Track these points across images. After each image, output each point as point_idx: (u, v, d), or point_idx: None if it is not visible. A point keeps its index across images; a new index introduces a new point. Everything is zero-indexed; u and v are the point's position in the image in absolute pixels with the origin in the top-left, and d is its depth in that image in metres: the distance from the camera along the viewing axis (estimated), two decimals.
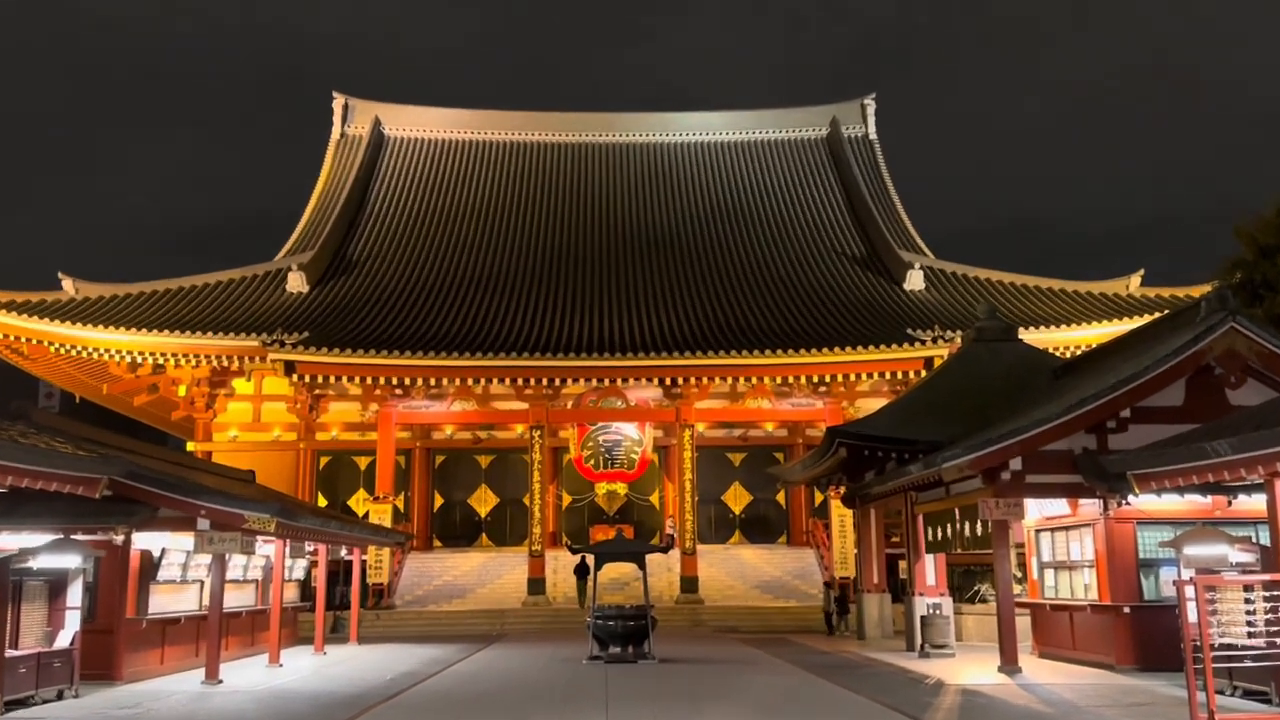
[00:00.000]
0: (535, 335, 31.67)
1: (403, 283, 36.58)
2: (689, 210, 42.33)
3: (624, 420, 32.42)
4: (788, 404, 32.49)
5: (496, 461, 35.78)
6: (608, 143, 46.53)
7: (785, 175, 44.74)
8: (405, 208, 41.99)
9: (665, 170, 45.03)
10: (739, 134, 46.96)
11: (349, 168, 43.66)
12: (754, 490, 35.48)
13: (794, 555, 33.17)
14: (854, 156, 45.36)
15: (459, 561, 32.55)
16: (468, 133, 46.52)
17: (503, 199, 42.88)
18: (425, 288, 36.13)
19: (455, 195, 42.95)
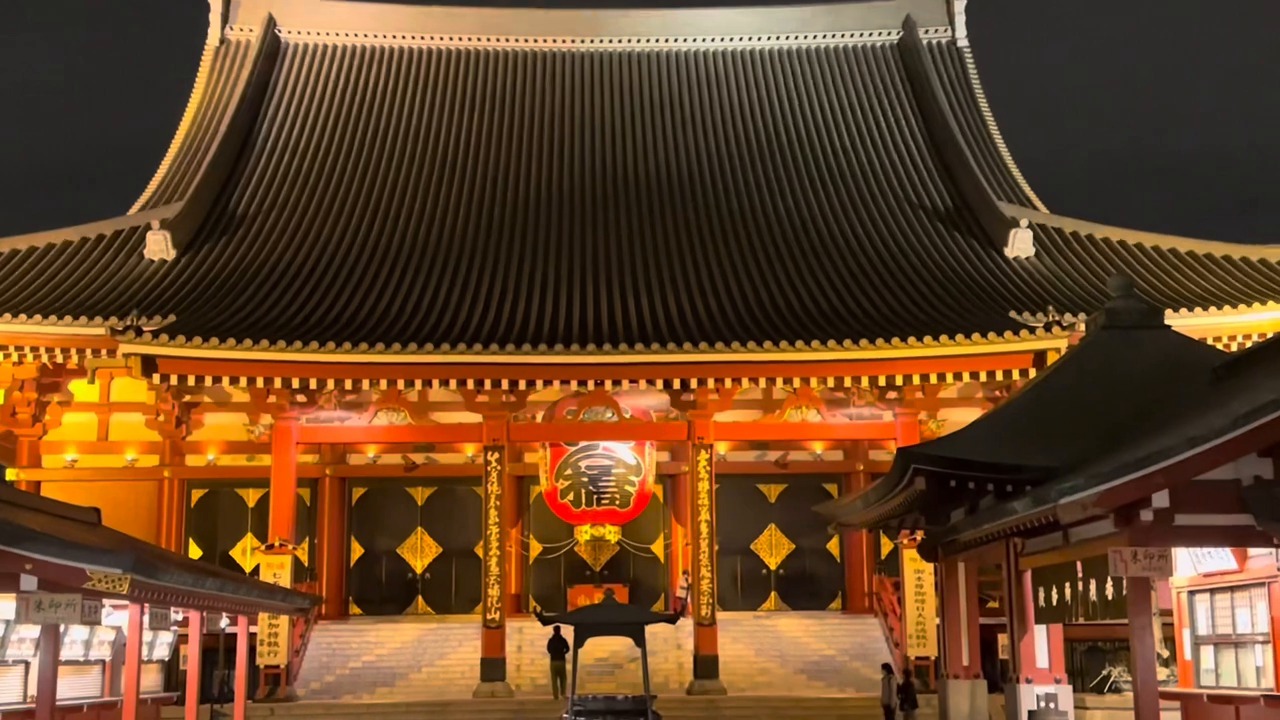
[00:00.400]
0: (492, 321, 31.86)
1: (306, 247, 36.69)
2: (705, 147, 42.42)
3: (615, 439, 32.55)
4: (843, 416, 32.71)
5: (438, 496, 36.08)
6: (593, 51, 46.46)
7: (840, 97, 44.78)
8: (310, 143, 42.02)
9: (673, 91, 45.01)
10: (776, 39, 46.95)
11: (231, 87, 43.56)
12: (796, 536, 35.75)
13: (852, 626, 33.42)
14: (936, 71, 45.42)
15: (386, 635, 32.76)
16: (397, 37, 46.37)
17: (446, 131, 42.95)
18: (338, 255, 36.26)
19: (380, 125, 42.99)
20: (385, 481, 35.78)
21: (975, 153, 42.40)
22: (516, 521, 35.21)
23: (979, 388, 32.25)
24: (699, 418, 31.46)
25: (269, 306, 32.53)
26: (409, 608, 35.51)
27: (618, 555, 35.46)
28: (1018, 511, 16.87)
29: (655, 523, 35.79)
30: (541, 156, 41.77)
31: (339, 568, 35.46)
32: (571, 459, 32.79)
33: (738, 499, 35.25)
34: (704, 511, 31.18)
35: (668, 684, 30.25)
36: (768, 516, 36.03)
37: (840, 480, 35.91)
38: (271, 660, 29.56)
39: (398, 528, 35.86)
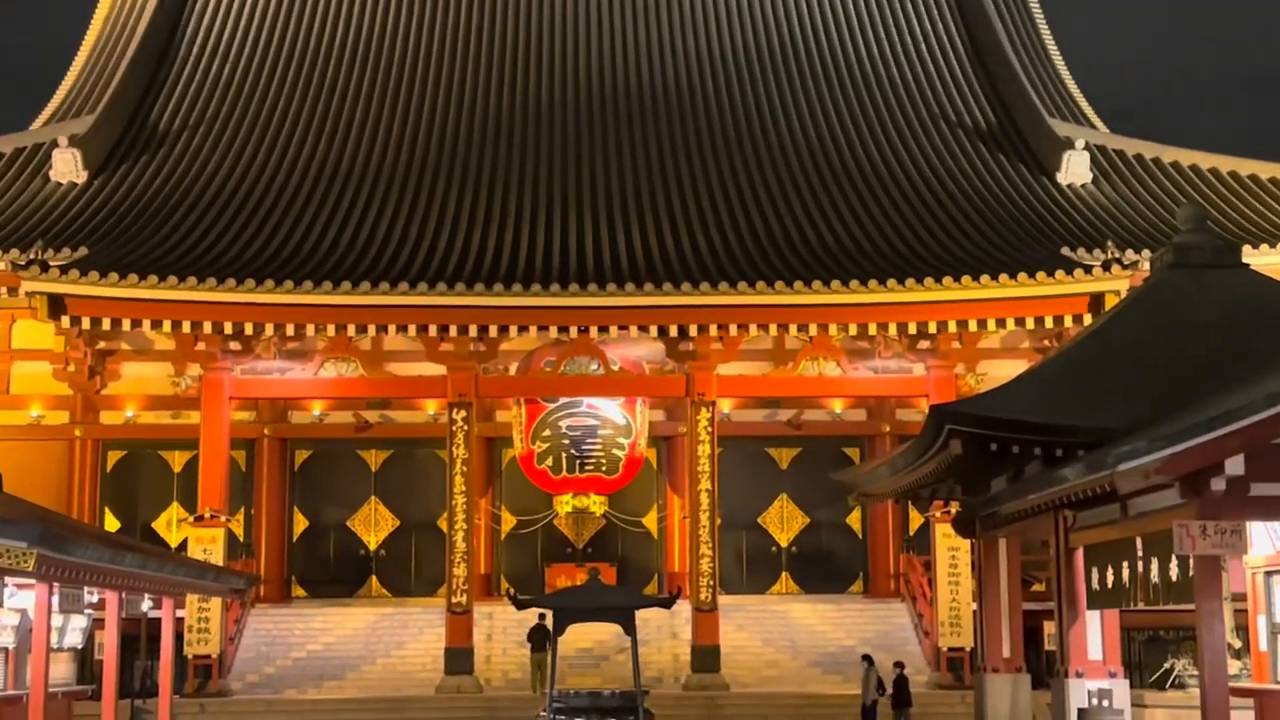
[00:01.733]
0: (458, 256, 31.90)
1: (240, 169, 36.59)
2: (709, 55, 42.30)
3: (602, 394, 32.64)
4: (867, 369, 32.71)
5: (395, 461, 36.12)
6: None
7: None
8: (243, 46, 41.73)
9: None
10: None
11: None
12: (811, 508, 35.98)
13: (875, 612, 33.61)
14: None
15: (335, 621, 32.87)
16: None
17: (404, 33, 42.70)
18: (278, 178, 36.18)
19: (326, 26, 42.71)
20: (333, 443, 35.90)
21: (1024, 61, 42.40)
22: (486, 490, 35.28)
23: (1025, 336, 32.35)
24: (699, 370, 31.50)
25: (197, 238, 32.41)
26: (361, 589, 35.71)
27: (604, 530, 35.65)
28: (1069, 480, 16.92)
29: (648, 492, 35.90)
30: (516, 64, 41.56)
31: (280, 543, 35.52)
32: (550, 418, 32.83)
33: (744, 465, 35.47)
34: (704, 479, 31.28)
35: (662, 678, 30.41)
36: (778, 485, 36.27)
37: (863, 444, 36.12)
38: (202, 649, 29.68)
39: (348, 497, 36.02)
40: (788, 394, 33.98)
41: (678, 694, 29.31)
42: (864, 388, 33.08)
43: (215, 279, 29.42)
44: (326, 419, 35.44)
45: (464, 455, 31.09)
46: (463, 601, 30.61)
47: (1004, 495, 20.59)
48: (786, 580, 36.08)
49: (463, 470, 31.05)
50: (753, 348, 33.15)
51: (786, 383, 32.91)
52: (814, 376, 32.38)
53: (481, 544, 34.43)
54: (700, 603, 30.77)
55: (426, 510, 35.10)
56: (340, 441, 35.84)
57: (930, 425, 19.60)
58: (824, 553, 36.11)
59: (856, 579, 36.11)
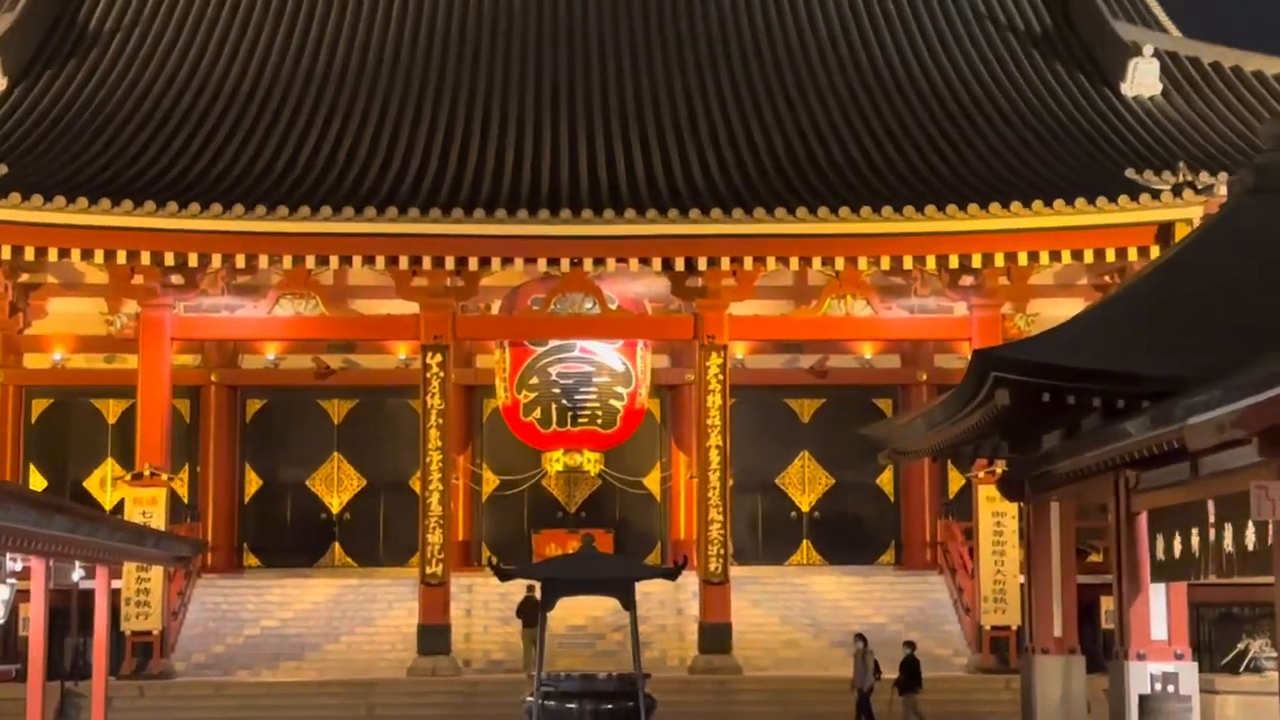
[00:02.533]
0: (433, 178, 31.97)
1: (183, 76, 36.48)
2: None
3: (598, 337, 32.81)
4: (900, 309, 32.77)
5: (361, 412, 36.33)
6: None
7: None
8: None
9: None
10: None
11: None
12: (837, 468, 36.17)
13: (909, 586, 33.90)
14: None
15: (293, 594, 33.17)
16: None
17: None
18: (226, 86, 36.07)
19: None
20: (290, 392, 36.15)
21: None
22: (465, 446, 35.48)
23: (1083, 271, 32.57)
24: (710, 310, 31.55)
25: (134, 155, 32.42)
26: (322, 558, 36.02)
27: (599, 492, 35.93)
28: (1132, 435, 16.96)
29: (650, 449, 36.18)
30: None
31: (229, 505, 35.82)
32: (539, 364, 33.01)
33: (760, 418, 35.70)
34: (715, 434, 31.38)
35: (665, 660, 30.61)
36: (800, 441, 36.44)
37: (896, 394, 36.36)
38: (141, 625, 29.84)
39: (307, 453, 36.24)
40: (811, 337, 34.03)
41: (683, 677, 29.54)
42: (898, 330, 33.12)
43: (154, 202, 29.48)
44: (282, 364, 35.60)
45: (439, 406, 31.14)
46: (438, 572, 30.75)
47: (1057, 453, 20.72)
48: (808, 549, 36.28)
49: (438, 423, 31.11)
50: (771, 284, 33.28)
51: (809, 324, 32.85)
52: (840, 317, 32.38)
53: (460, 507, 34.62)
54: (709, 574, 30.93)
55: (397, 468, 35.25)
56: (298, 390, 36.01)
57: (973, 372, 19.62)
58: (851, 518, 36.37)
59: (888, 548, 36.39)
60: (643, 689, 20.88)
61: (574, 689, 20.81)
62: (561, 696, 20.70)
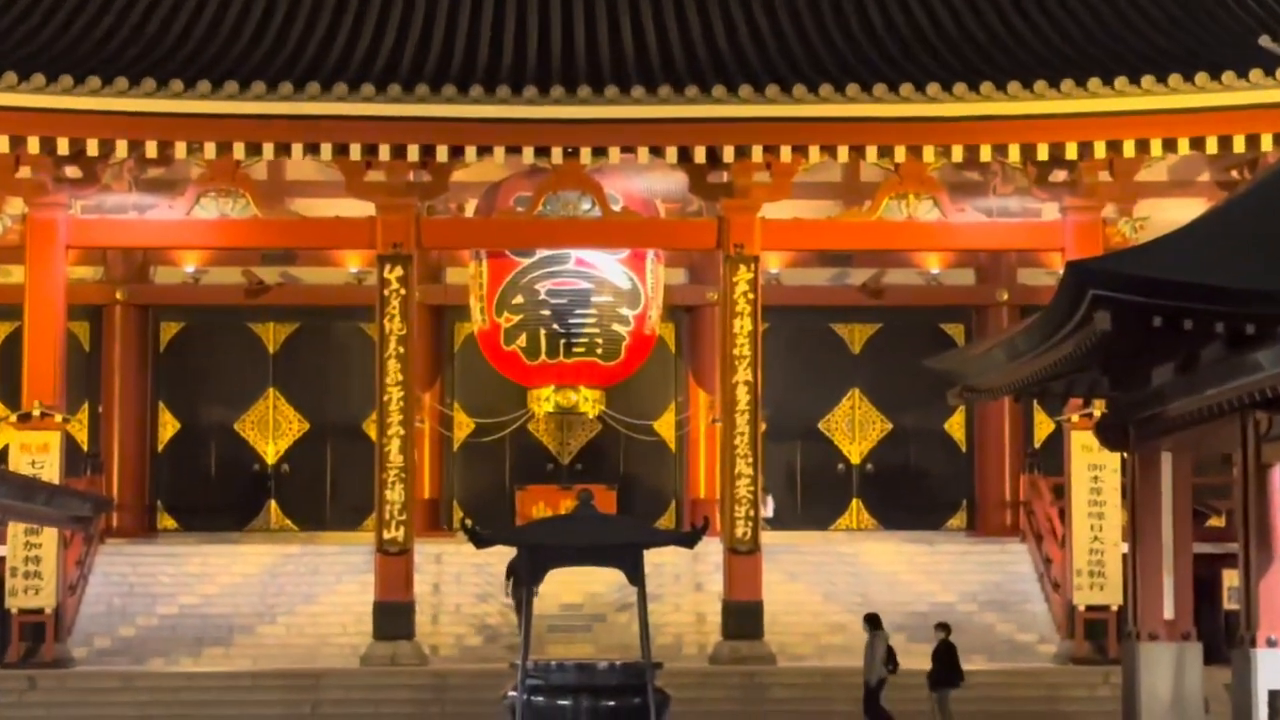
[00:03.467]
0: (391, 46, 31.89)
1: None
2: None
3: (597, 245, 32.76)
4: (975, 211, 32.56)
5: (303, 339, 36.71)
6: None
7: None
8: None
9: None
10: None
11: None
12: (895, 409, 36.63)
13: (984, 556, 34.28)
14: None
15: (219, 564, 33.52)
16: None
17: None
18: None
19: None
20: (215, 313, 36.53)
21: None
22: (432, 381, 35.68)
23: (1204, 165, 32.63)
24: (737, 213, 31.20)
25: (16, 18, 32.14)
26: (255, 520, 36.32)
27: (599, 439, 36.26)
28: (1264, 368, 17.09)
29: (662, 386, 36.39)
30: None
31: (140, 454, 36.06)
32: (524, 279, 33.03)
33: (800, 348, 36.05)
34: (743, 367, 31.07)
35: (680, 647, 30.81)
36: (849, 377, 36.68)
37: (969, 318, 36.71)
38: (30, 602, 29.99)
39: (236, 389, 36.54)
40: (863, 246, 33.94)
41: (703, 669, 29.69)
42: (972, 238, 32.92)
43: (45, 75, 29.32)
44: (205, 279, 35.90)
45: (400, 331, 30.94)
46: (399, 538, 30.66)
47: (1170, 391, 20.96)
48: (858, 511, 36.55)
49: (398, 352, 30.90)
50: (814, 180, 33.26)
51: (861, 230, 32.64)
52: (901, 222, 32.11)
53: (425, 457, 34.81)
54: (736, 542, 30.75)
55: (347, 409, 35.62)
56: (225, 311, 36.31)
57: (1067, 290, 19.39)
58: (912, 472, 36.62)
59: (957, 510, 36.70)
60: (653, 682, 20.57)
61: (568, 682, 20.48)
62: (552, 691, 20.38)
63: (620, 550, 21.19)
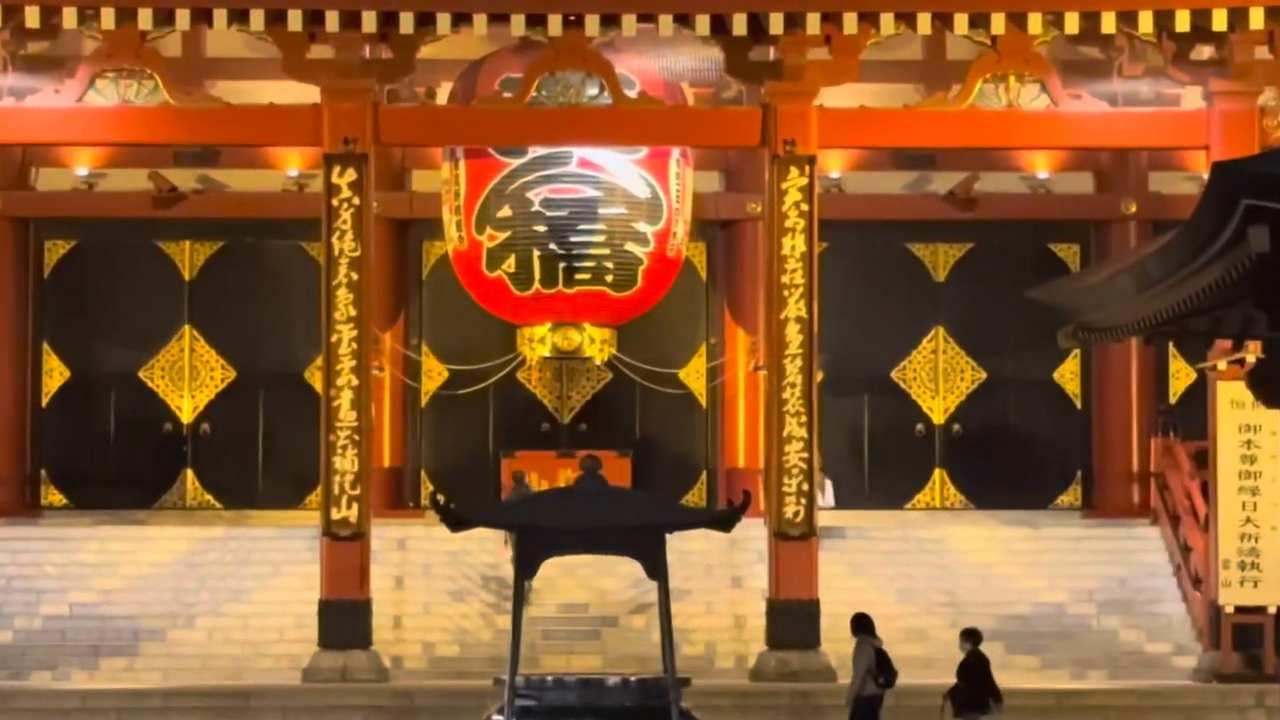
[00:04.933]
0: None
1: None
2: None
3: (605, 142, 32.81)
4: (1093, 99, 32.56)
5: (226, 262, 36.95)
6: None
7: None
8: None
9: None
10: None
11: None
12: (989, 354, 37.10)
13: (1103, 542, 34.63)
14: None
15: (121, 551, 33.83)
16: None
17: None
18: None
19: None
20: (115, 229, 36.73)
21: None
22: (395, 317, 35.92)
23: None
24: (788, 99, 31.13)
25: None
26: (168, 494, 36.62)
27: (609, 391, 36.50)
28: None
29: (690, 323, 36.59)
30: None
31: (16, 410, 36.39)
32: (513, 184, 33.17)
33: (868, 274, 36.19)
34: (795, 299, 31.02)
35: (713, 658, 31.16)
36: (931, 311, 36.94)
37: (1086, 236, 36.74)
38: None
39: (142, 327, 36.74)
40: (950, 144, 33.80)
41: (742, 686, 29.82)
42: (1091, 133, 32.75)
43: None
44: (102, 184, 36.17)
45: (352, 252, 30.79)
46: (351, 518, 30.58)
47: None
48: (942, 484, 36.75)
49: (350, 279, 30.79)
50: (885, 58, 33.57)
51: (948, 123, 32.46)
52: (999, 112, 31.97)
53: (385, 415, 35.10)
54: (785, 524, 30.70)
55: (284, 352, 35.96)
56: (127, 226, 36.58)
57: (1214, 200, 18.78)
58: (1012, 435, 36.85)
59: (1070, 484, 36.81)
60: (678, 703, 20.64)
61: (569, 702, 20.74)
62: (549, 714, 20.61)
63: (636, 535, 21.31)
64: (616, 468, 32.59)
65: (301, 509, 33.48)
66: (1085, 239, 36.20)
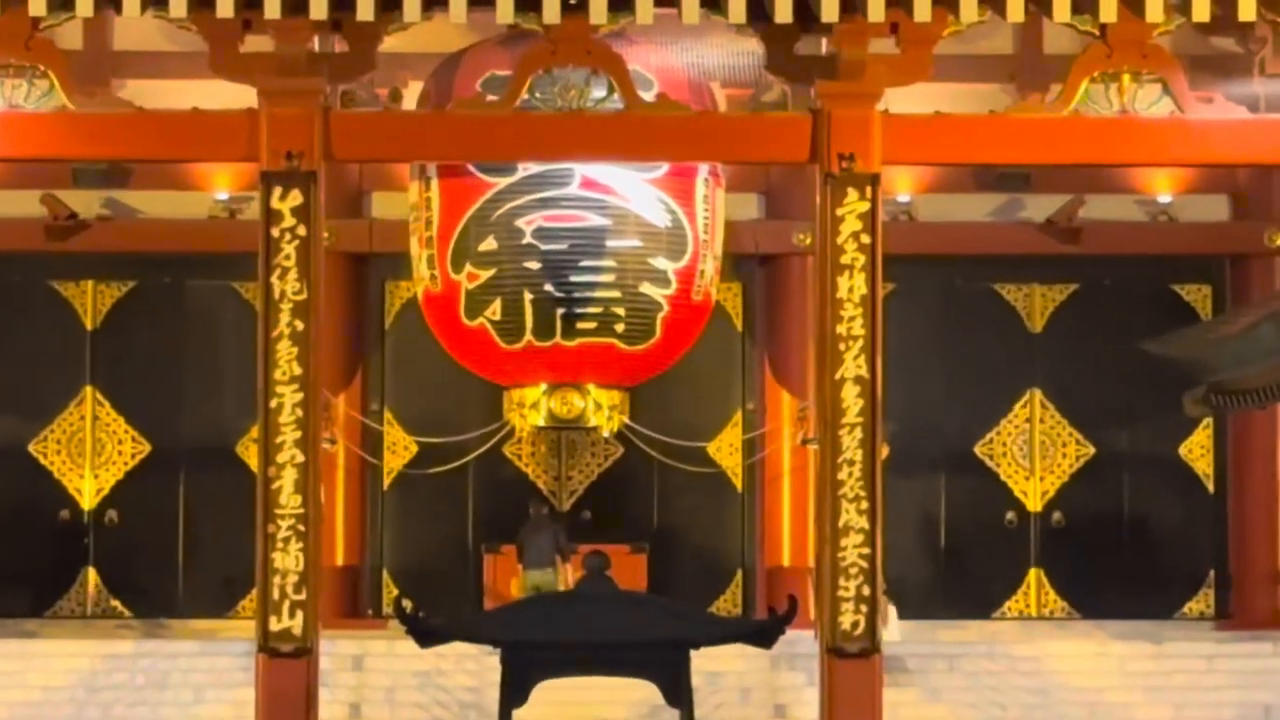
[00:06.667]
0: None
1: None
2: None
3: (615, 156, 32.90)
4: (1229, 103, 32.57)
5: (137, 306, 37.30)
6: None
7: None
8: None
9: None
10: None
11: None
12: (1097, 422, 37.21)
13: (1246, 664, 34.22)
14: None
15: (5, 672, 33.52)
16: None
17: None
18: None
19: None
20: None
21: None
22: (350, 377, 36.39)
23: None
24: (845, 103, 31.19)
25: None
26: (64, 599, 37.00)
27: (620, 470, 37.04)
28: None
29: (721, 384, 37.17)
30: None
31: None
32: (499, 211, 33.48)
33: (946, 323, 36.61)
34: (854, 355, 30.88)
35: None
36: (1025, 370, 37.42)
37: (1219, 274, 37.08)
38: None
39: (33, 388, 37.13)
40: (1048, 160, 33.76)
41: None
42: (1227, 145, 32.44)
43: None
44: None
45: (297, 295, 30.69)
46: (295, 630, 30.40)
47: None
48: (1040, 587, 37.17)
49: (294, 329, 30.67)
50: (966, 51, 34.36)
51: (1045, 133, 32.31)
52: (1110, 119, 31.90)
53: (339, 500, 35.47)
54: (842, 638, 30.49)
55: (211, 421, 36.40)
56: (14, 261, 37.19)
57: None
58: (1127, 527, 36.97)
59: (1200, 587, 37.23)
60: None
61: None
62: None
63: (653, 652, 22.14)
64: (628, 566, 33.07)
65: (232, 618, 33.97)
66: (1218, 278, 36.58)
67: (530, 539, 31.56)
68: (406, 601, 30.65)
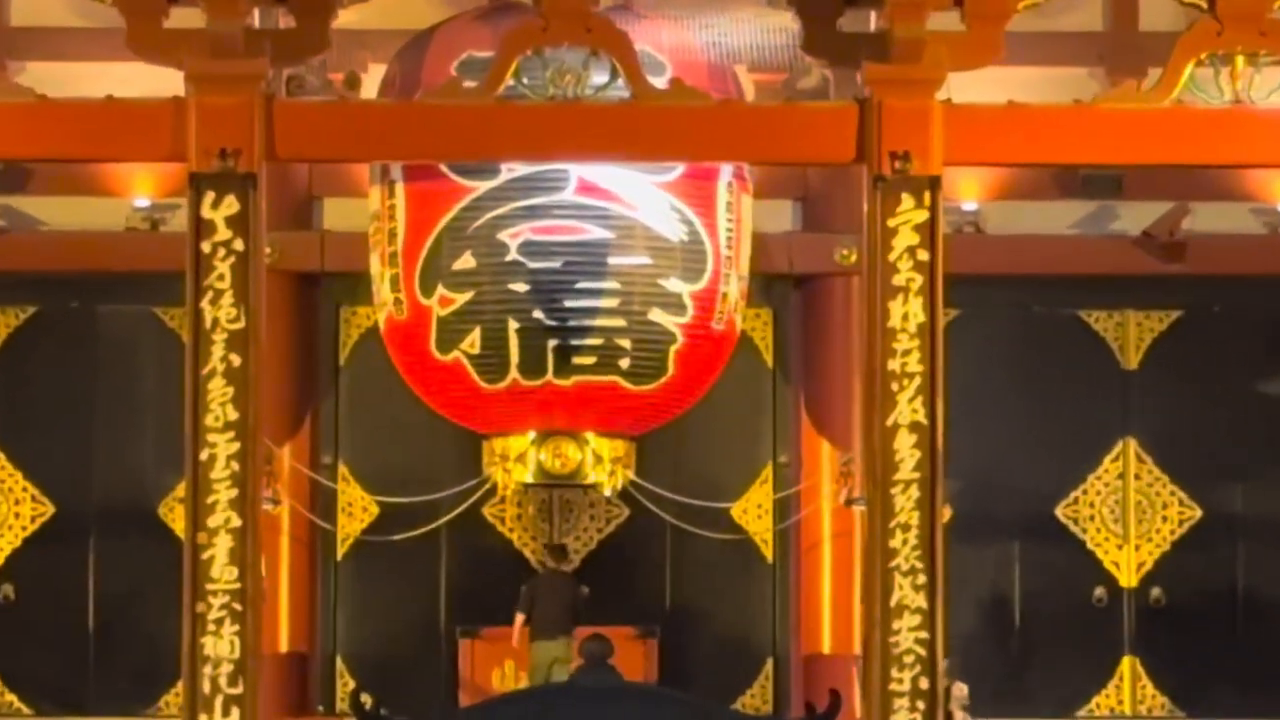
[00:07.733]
0: None
1: None
2: None
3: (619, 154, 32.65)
4: None
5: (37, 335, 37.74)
6: None
7: None
8: None
9: None
10: None
11: None
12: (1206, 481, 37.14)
13: None
14: None
15: None
16: None
17: None
18: None
19: None
20: None
21: None
22: (299, 424, 36.53)
23: None
24: (897, 90, 30.96)
25: None
26: None
27: (624, 535, 37.17)
28: None
29: (747, 432, 37.18)
30: None
31: None
32: (477, 221, 33.37)
33: (1020, 358, 36.68)
34: (908, 396, 30.69)
35: None
36: (1117, 416, 37.41)
37: None
38: None
39: None
40: (1142, 160, 33.49)
41: None
42: None
43: None
44: None
45: (232, 322, 30.45)
46: None
47: None
48: (1135, 678, 37.04)
49: (228, 365, 30.44)
50: (1046, 28, 34.15)
51: (1139, 127, 32.19)
52: (1219, 110, 31.79)
53: (283, 573, 35.52)
54: None
55: (127, 478, 36.44)
56: None
57: None
58: (1241, 605, 36.97)
59: None
60: None
61: None
62: None
63: None
64: (635, 653, 33.22)
65: (153, 716, 34.02)
66: None
67: (543, 600, 31.62)
68: (365, 696, 30.54)
